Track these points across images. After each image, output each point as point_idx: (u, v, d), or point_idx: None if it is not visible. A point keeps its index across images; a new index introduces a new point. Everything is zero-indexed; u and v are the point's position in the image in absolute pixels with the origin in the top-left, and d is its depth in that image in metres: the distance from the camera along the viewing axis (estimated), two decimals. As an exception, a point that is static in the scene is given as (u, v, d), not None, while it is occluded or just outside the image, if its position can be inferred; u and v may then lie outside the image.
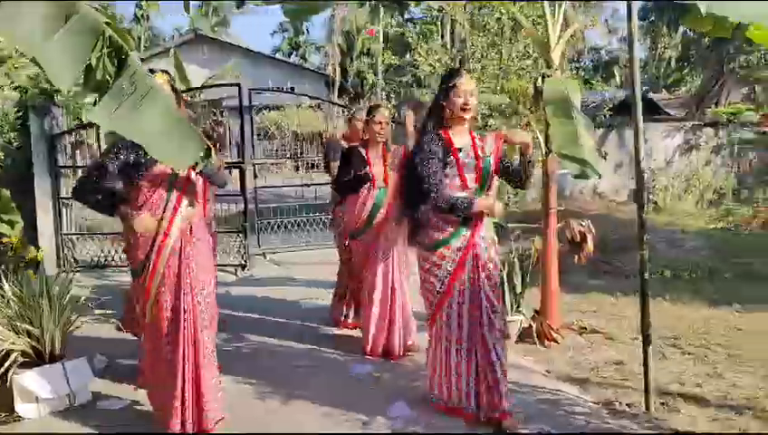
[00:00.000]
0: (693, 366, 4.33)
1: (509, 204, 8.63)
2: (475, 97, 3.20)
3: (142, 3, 26.20)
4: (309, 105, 20.30)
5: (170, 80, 3.02)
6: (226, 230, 7.62)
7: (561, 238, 4.78)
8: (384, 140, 4.42)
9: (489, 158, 3.23)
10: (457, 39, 10.78)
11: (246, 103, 7.66)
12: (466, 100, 3.16)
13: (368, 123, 4.42)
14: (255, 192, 8.02)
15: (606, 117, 11.61)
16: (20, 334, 3.51)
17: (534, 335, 4.73)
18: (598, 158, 3.71)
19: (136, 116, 2.34)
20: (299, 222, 8.58)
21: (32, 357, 3.57)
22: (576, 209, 9.49)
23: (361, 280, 4.50)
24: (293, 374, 4.06)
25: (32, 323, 3.56)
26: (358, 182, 4.41)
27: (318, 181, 8.64)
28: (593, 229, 4.52)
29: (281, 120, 18.31)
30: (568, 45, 4.92)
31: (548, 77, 4.49)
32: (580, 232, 4.49)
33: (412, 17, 28.56)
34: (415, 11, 27.15)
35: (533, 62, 7.48)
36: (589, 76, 29.33)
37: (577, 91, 4.05)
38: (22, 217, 4.89)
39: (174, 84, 3.04)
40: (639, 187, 3.64)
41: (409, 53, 8.25)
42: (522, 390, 3.67)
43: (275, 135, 17.62)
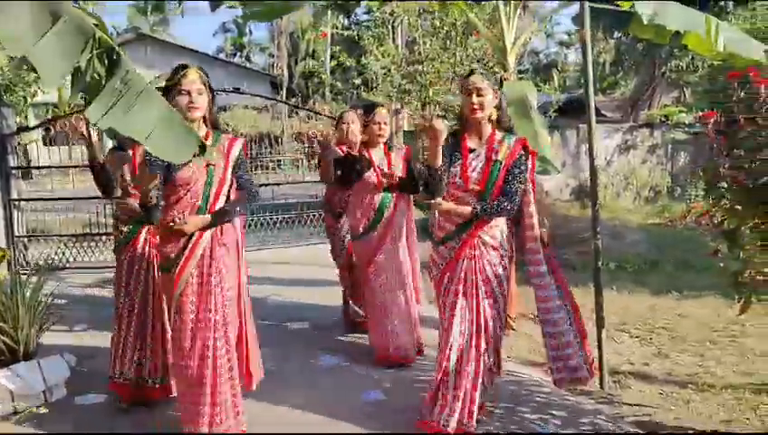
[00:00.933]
0: (640, 348, 4.68)
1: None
2: (485, 96, 3.01)
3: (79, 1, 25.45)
4: (254, 106, 20.25)
5: (203, 77, 2.92)
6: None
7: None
8: (385, 141, 4.26)
9: (498, 163, 3.06)
10: (402, 42, 11.04)
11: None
12: (471, 98, 3.02)
13: (366, 124, 4.27)
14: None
15: (551, 118, 12.09)
16: (-6, 333, 3.52)
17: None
18: (555, 155, 3.98)
19: (131, 114, 2.40)
20: (260, 222, 8.55)
21: (6, 356, 3.58)
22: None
23: (364, 284, 4.30)
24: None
25: (5, 322, 3.57)
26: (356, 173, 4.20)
27: (273, 182, 8.66)
28: (547, 224, 4.80)
29: (229, 121, 18.22)
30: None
31: (505, 80, 4.75)
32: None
33: (358, 20, 28.89)
34: (358, 12, 27.46)
35: (484, 65, 7.79)
36: (529, 79, 30.15)
37: (533, 92, 4.34)
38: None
39: (208, 82, 2.94)
40: (593, 183, 3.92)
41: (363, 56, 8.39)
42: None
43: (227, 137, 17.49)
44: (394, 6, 7.33)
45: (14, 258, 7.15)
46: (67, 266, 7.31)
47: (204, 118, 2.97)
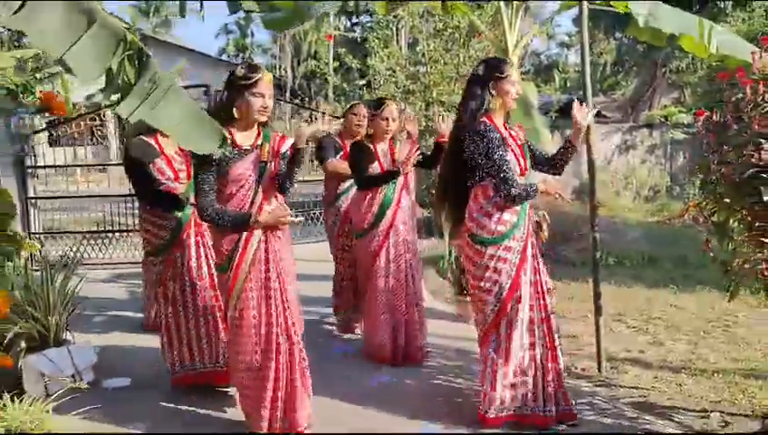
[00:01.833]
0: (636, 337, 4.88)
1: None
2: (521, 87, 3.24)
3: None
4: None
5: (273, 78, 3.02)
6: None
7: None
8: (391, 136, 4.28)
9: (525, 144, 3.36)
10: (405, 44, 11.21)
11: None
12: (516, 90, 3.22)
13: (374, 118, 4.24)
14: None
15: (552, 118, 12.28)
16: (27, 320, 3.73)
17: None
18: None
19: (159, 109, 2.59)
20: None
21: (38, 341, 3.79)
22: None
23: (365, 282, 4.27)
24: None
25: (37, 310, 3.78)
26: (388, 177, 4.18)
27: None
28: (548, 219, 5.01)
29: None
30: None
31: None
32: (536, 221, 4.97)
33: (359, 22, 29.11)
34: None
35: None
36: (530, 79, 30.30)
37: (534, 92, 4.55)
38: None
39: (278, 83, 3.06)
40: (592, 181, 4.13)
41: (368, 57, 8.57)
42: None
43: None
44: (399, 10, 7.52)
45: (31, 254, 7.38)
46: (84, 263, 7.53)
47: None
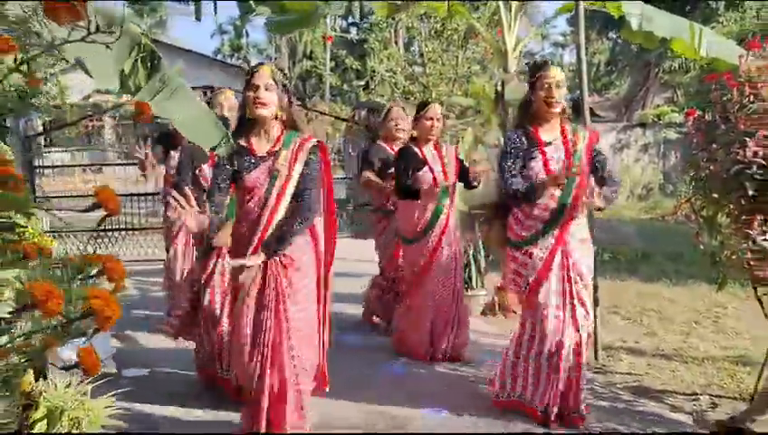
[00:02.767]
0: (631, 328, 5.09)
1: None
2: (563, 88, 3.08)
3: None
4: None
5: (275, 73, 2.79)
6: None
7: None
8: (436, 138, 4.15)
9: (580, 152, 3.15)
10: (402, 44, 11.39)
11: (216, 106, 8.02)
12: (550, 92, 3.06)
13: (418, 120, 4.13)
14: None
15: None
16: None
17: (497, 308, 5.38)
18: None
19: (167, 103, 2.78)
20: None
21: (60, 332, 3.96)
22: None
23: (414, 287, 4.19)
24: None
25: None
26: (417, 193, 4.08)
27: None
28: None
29: (231, 122, 18.52)
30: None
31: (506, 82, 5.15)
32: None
33: (356, 23, 29.26)
34: (359, 15, 27.81)
35: (483, 67, 8.17)
36: (525, 80, 30.43)
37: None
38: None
39: (282, 81, 2.83)
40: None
41: (367, 57, 8.74)
42: (497, 350, 4.28)
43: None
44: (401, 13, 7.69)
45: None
46: (91, 260, 7.70)
47: (278, 118, 2.83)
